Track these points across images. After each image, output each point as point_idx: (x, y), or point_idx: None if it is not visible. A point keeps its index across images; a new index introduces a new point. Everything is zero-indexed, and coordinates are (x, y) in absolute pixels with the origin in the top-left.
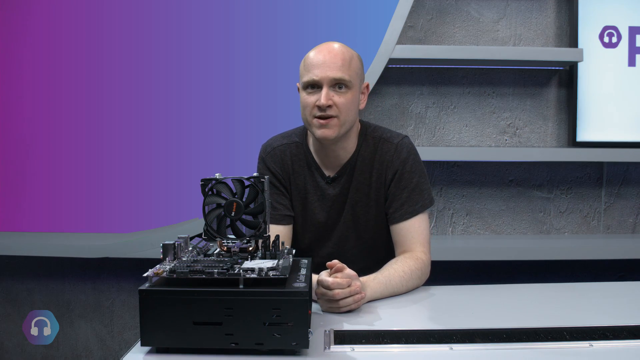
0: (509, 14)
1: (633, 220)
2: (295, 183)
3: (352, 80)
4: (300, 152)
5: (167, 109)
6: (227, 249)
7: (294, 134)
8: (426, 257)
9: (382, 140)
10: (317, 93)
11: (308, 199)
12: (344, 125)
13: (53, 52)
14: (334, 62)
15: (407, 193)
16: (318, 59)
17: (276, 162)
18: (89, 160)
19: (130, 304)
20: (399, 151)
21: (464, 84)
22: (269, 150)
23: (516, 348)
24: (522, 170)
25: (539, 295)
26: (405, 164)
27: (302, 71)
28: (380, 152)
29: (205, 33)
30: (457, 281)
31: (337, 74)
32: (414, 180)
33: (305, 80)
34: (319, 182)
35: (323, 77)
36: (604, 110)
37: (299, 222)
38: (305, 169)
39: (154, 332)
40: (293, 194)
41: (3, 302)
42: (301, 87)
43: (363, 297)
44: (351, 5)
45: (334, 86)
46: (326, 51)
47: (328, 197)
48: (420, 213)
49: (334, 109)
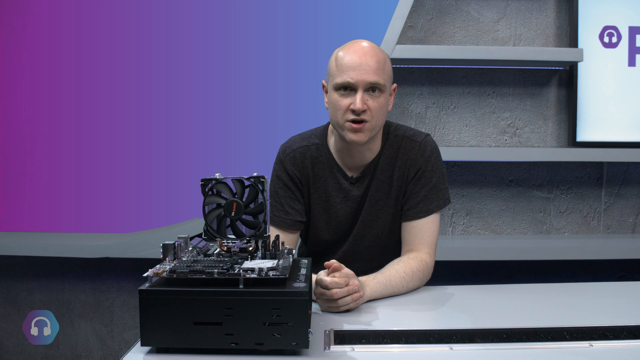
0: (509, 14)
1: (633, 220)
2: (315, 186)
3: (386, 84)
4: (321, 154)
5: (167, 109)
6: (227, 249)
7: (313, 135)
8: (430, 259)
9: (405, 139)
10: (351, 96)
11: (330, 202)
12: (374, 129)
13: (53, 52)
14: (370, 64)
15: (424, 192)
16: (354, 60)
17: (296, 165)
18: (89, 160)
19: (130, 304)
20: (423, 149)
21: (464, 84)
22: (288, 152)
23: (516, 348)
24: (522, 170)
25: (539, 295)
26: (428, 162)
27: (334, 71)
28: (404, 150)
29: (205, 33)
30: (457, 281)
31: (374, 77)
32: (433, 180)
33: (339, 81)
34: (342, 184)
35: (359, 80)
36: (604, 110)
37: (321, 223)
38: (327, 172)
39: (154, 332)
40: (313, 197)
41: (3, 302)
42: (332, 88)
43: (361, 296)
44: (351, 5)
45: (368, 90)
46: (361, 52)
47: (352, 197)
48: (433, 213)
49: (368, 114)
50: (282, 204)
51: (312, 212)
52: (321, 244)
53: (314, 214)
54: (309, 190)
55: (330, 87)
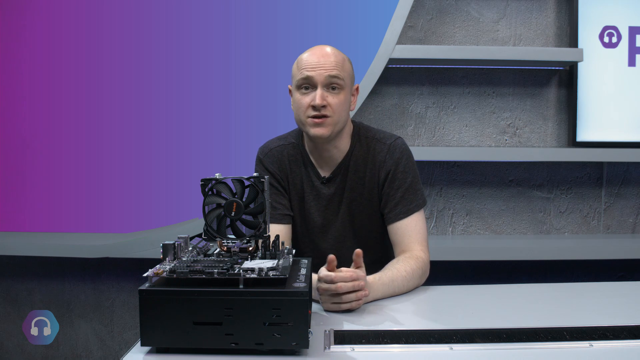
0: (509, 14)
1: (633, 220)
2: (293, 183)
3: (345, 80)
4: (296, 152)
5: (167, 109)
6: (227, 249)
7: (290, 136)
8: (425, 256)
9: (375, 141)
10: (311, 93)
11: (305, 199)
12: (337, 124)
13: (53, 52)
14: (328, 62)
15: (401, 193)
16: (312, 59)
17: (274, 162)
18: (89, 160)
19: (130, 304)
20: (392, 151)
21: (464, 84)
22: (266, 152)
23: (516, 348)
24: (522, 170)
25: (539, 295)
26: (398, 164)
27: (295, 72)
28: (373, 152)
29: (205, 33)
30: (457, 281)
31: (332, 72)
32: (407, 180)
33: (300, 78)
34: (314, 182)
35: (317, 75)
36: (604, 110)
37: (298, 223)
38: (302, 169)
39: (154, 332)
40: (291, 193)
41: (3, 302)
42: (294, 88)
43: (366, 295)
44: (351, 5)
45: (327, 87)
46: (319, 53)
47: (323, 196)
48: (415, 212)
49: (328, 109)
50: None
51: (292, 209)
52: (301, 243)
53: (293, 211)
54: (288, 186)
55: (293, 88)
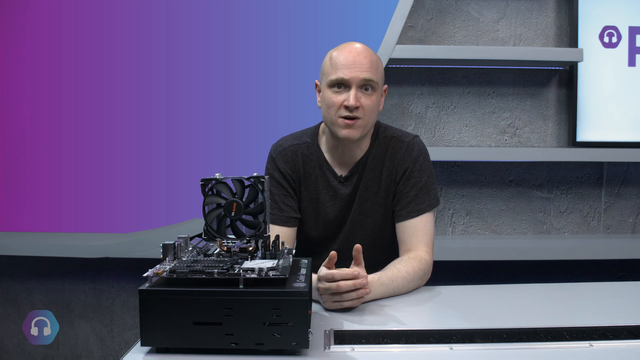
0: (509, 14)
1: (633, 220)
2: (305, 184)
3: (378, 82)
4: (311, 152)
5: (167, 109)
6: (227, 249)
7: (304, 135)
8: (429, 258)
9: (393, 139)
10: (344, 93)
11: (320, 199)
12: (366, 126)
13: (53, 52)
14: (363, 63)
15: (415, 191)
16: (347, 58)
17: (287, 162)
18: (89, 160)
19: (130, 304)
20: (410, 149)
21: (464, 84)
22: (279, 150)
23: (516, 348)
24: (522, 170)
25: (539, 295)
26: (416, 162)
27: (327, 69)
28: (392, 150)
29: (205, 33)
30: (457, 281)
31: (367, 74)
32: (422, 179)
33: (333, 78)
34: (331, 182)
35: (353, 77)
36: (604, 110)
37: (310, 221)
38: (317, 169)
39: (154, 332)
40: (303, 194)
41: (3, 302)
42: (326, 85)
43: (367, 293)
44: (351, 5)
45: (361, 87)
46: (355, 52)
47: (341, 196)
48: (426, 212)
49: (360, 111)
50: (276, 201)
51: (301, 210)
52: (309, 241)
53: (303, 212)
54: (300, 187)
55: (323, 85)
